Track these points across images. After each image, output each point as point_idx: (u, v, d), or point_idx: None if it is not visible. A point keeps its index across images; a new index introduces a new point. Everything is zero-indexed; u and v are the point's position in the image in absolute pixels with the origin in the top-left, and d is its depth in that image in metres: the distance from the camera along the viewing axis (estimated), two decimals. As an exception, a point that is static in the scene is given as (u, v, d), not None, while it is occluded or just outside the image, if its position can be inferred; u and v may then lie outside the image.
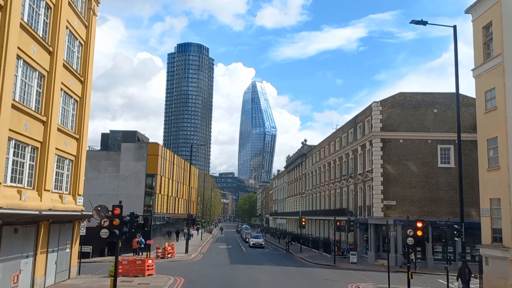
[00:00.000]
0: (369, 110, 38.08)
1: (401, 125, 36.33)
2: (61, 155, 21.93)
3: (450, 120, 36.10)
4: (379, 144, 36.07)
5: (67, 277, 22.79)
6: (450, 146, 35.77)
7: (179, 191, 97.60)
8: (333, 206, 49.38)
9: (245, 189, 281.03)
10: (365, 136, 38.40)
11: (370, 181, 36.69)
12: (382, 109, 36.54)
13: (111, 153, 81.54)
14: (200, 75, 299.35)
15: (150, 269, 24.91)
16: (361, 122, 40.17)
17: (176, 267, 30.42)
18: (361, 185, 39.47)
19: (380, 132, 36.18)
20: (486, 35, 22.68)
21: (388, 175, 35.61)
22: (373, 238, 36.03)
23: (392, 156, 35.90)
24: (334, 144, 49.91)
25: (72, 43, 23.18)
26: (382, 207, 35.22)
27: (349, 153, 43.36)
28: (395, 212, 35.11)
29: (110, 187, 78.84)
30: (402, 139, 36.09)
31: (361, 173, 39.36)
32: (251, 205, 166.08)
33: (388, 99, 36.92)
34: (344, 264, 34.90)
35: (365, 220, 37.03)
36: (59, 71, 20.70)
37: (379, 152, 35.96)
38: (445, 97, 36.69)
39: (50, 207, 19.41)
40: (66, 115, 22.90)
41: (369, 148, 37.49)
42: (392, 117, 36.47)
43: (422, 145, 35.95)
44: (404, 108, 36.54)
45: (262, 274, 27.86)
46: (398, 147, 35.99)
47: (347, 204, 43.92)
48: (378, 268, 33.35)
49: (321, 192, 55.63)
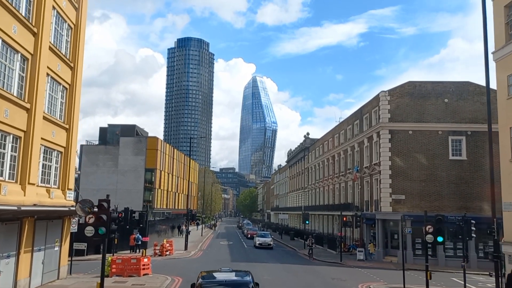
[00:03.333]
0: (376, 100, 36.37)
1: (410, 115, 34.62)
2: (48, 146, 20.28)
3: (461, 110, 34.42)
4: (387, 135, 34.38)
5: (56, 277, 21.20)
6: (462, 138, 34.08)
7: (179, 186, 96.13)
8: (337, 201, 47.79)
9: (246, 184, 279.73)
10: (372, 127, 36.71)
11: (378, 174, 35.05)
12: (390, 99, 34.83)
13: (109, 147, 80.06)
14: (200, 70, 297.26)
15: (146, 268, 23.32)
16: (367, 113, 38.46)
17: (174, 265, 28.86)
18: (367, 179, 37.83)
19: (388, 123, 34.48)
20: (508, 15, 20.94)
21: (396, 168, 33.96)
22: (381, 234, 34.44)
23: (400, 148, 34.22)
24: (339, 136, 48.22)
25: (60, 25, 21.47)
26: (390, 201, 33.60)
27: (354, 146, 41.69)
28: (404, 207, 33.48)
29: (108, 182, 77.33)
30: (411, 130, 34.38)
31: (368, 166, 37.71)
32: (252, 200, 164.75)
33: (396, 88, 35.20)
34: (351, 261, 33.32)
35: (372, 215, 35.42)
36: (45, 54, 19.01)
37: (387, 144, 34.28)
38: (456, 86, 34.96)
39: (35, 202, 17.79)
40: (54, 103, 21.22)
41: (376, 140, 35.81)
42: (401, 107, 34.76)
43: (432, 136, 34.25)
44: (413, 98, 34.82)
45: (265, 273, 26.29)
46: (407, 138, 34.30)
47: (352, 198, 42.31)
48: (387, 265, 31.79)
49: (324, 186, 54.01)
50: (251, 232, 61.00)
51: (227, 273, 12.34)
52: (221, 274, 12.16)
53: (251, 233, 59.27)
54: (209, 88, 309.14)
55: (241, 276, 11.94)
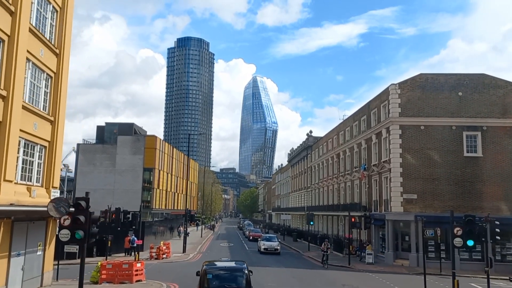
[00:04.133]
0: (385, 94, 34.36)
1: (422, 110, 32.60)
2: (30, 140, 18.27)
3: (477, 104, 32.40)
4: (398, 131, 32.35)
5: (39, 284, 19.21)
6: (477, 133, 32.05)
7: (178, 186, 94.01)
8: (343, 201, 45.77)
9: (247, 184, 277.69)
10: (381, 123, 34.68)
11: (388, 172, 33.03)
12: (400, 92, 32.81)
13: (107, 146, 77.93)
14: (200, 70, 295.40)
15: (139, 274, 21.31)
16: (375, 108, 36.44)
17: (171, 269, 26.84)
18: (376, 177, 35.80)
19: (398, 117, 32.46)
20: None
21: (408, 165, 31.93)
22: (391, 235, 32.40)
23: (412, 145, 32.20)
24: (344, 133, 46.20)
25: (43, 7, 19.46)
26: (401, 201, 31.56)
27: (361, 143, 39.66)
28: (416, 207, 31.46)
29: (106, 182, 75.22)
30: (423, 126, 32.36)
31: (376, 164, 35.67)
32: (252, 200, 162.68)
33: (407, 81, 33.18)
34: (360, 265, 31.30)
35: (382, 215, 33.40)
36: (24, 36, 17.01)
37: (397, 140, 32.26)
38: (471, 79, 32.93)
39: (12, 202, 15.80)
40: (37, 92, 19.22)
41: (385, 136, 33.79)
42: (412, 101, 32.74)
43: (446, 132, 32.23)
44: (425, 91, 32.80)
45: (269, 278, 24.30)
46: (419, 134, 32.28)
47: (359, 198, 40.28)
48: (399, 269, 29.76)
49: (328, 186, 51.98)
50: (254, 233, 57.12)
51: (226, 262, 15.98)
52: (221, 262, 15.61)
53: (254, 235, 55.61)
54: (209, 88, 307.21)
55: (238, 264, 15.06)
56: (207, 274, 13.57)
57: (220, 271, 14.11)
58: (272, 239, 40.74)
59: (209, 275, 13.54)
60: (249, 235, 57.42)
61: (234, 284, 13.48)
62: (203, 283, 13.35)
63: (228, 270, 14.36)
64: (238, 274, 13.94)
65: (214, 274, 13.69)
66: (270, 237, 41.70)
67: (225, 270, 14.26)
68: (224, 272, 14.08)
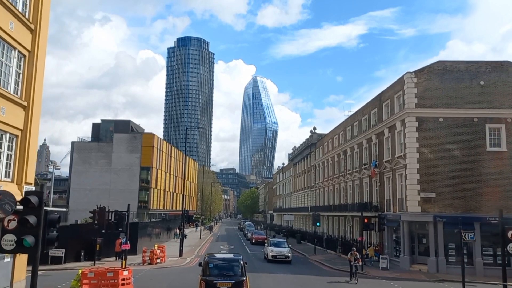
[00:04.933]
0: (399, 83, 31.58)
1: (440, 100, 29.82)
2: (-5, 127, 15.55)
3: (500, 93, 29.62)
4: (414, 123, 29.56)
5: (8, 296, 16.42)
6: (501, 126, 29.26)
7: (177, 186, 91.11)
8: (350, 200, 42.98)
9: (247, 185, 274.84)
10: (394, 115, 31.90)
11: (403, 169, 30.24)
12: (417, 81, 30.02)
13: (102, 144, 74.99)
14: (200, 69, 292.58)
15: (127, 283, 18.51)
16: (388, 100, 33.67)
17: (164, 276, 24.06)
18: (389, 175, 33.02)
19: (415, 109, 29.67)
20: None
21: (425, 161, 29.14)
22: (407, 238, 29.59)
23: (430, 138, 29.42)
24: (351, 129, 43.41)
25: (14, -27, 16.73)
26: (418, 200, 28.75)
27: (371, 138, 36.88)
28: (434, 207, 28.67)
29: (101, 181, 72.30)
30: (442, 118, 29.57)
31: (389, 160, 32.90)
32: (253, 201, 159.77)
33: (424, 69, 30.40)
34: (374, 270, 28.50)
35: (396, 216, 30.61)
36: (-14, 2, 14.31)
37: (414, 133, 29.47)
38: (493, 66, 30.15)
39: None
40: (6, 72, 16.49)
41: (400, 129, 31.01)
42: (429, 91, 29.95)
43: (467, 124, 29.45)
44: (443, 80, 30.01)
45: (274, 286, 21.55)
46: (437, 127, 29.49)
47: (369, 197, 37.49)
48: (417, 275, 26.97)
49: (334, 184, 49.18)
50: (257, 236, 51.56)
51: (225, 254, 19.13)
52: (220, 254, 18.51)
53: (257, 238, 50.46)
54: (209, 88, 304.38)
55: (235, 255, 17.51)
56: (209, 264, 16.24)
57: (219, 261, 16.75)
58: (281, 244, 34.88)
59: (210, 265, 16.22)
60: (252, 238, 52.27)
61: (231, 272, 15.91)
62: (205, 271, 15.89)
63: (226, 260, 16.90)
64: (234, 264, 16.38)
65: (214, 263, 16.36)
66: (279, 242, 35.63)
67: (224, 261, 16.83)
68: (223, 262, 16.64)
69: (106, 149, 72.99)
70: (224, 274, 15.71)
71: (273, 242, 35.22)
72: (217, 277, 15.53)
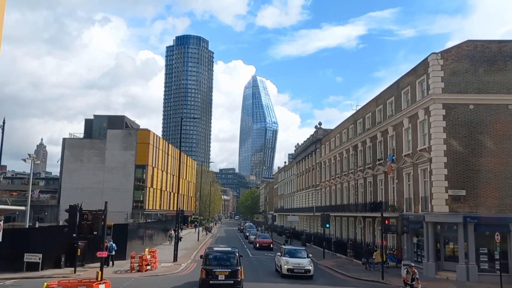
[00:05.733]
0: (423, 66, 27.96)
1: (470, 84, 26.23)
2: None
3: (539, 77, 26.02)
4: (441, 111, 25.93)
5: None
6: (540, 114, 25.68)
7: (174, 185, 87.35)
8: (361, 200, 39.36)
9: (246, 185, 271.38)
10: (416, 103, 28.27)
11: (427, 163, 26.61)
12: (443, 64, 26.40)
13: (95, 141, 71.00)
14: (199, 68, 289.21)
15: (102, 299, 14.85)
16: (408, 86, 30.05)
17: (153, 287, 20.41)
18: (409, 170, 29.38)
19: (441, 94, 26.05)
20: None
21: (454, 154, 25.54)
22: (431, 241, 25.97)
23: (458, 128, 25.81)
24: (363, 122, 39.80)
25: None
26: (446, 198, 25.14)
27: (387, 130, 33.26)
28: (464, 206, 25.05)
29: (94, 180, 68.36)
30: (473, 104, 25.98)
31: (410, 154, 29.28)
32: (253, 201, 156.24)
33: (451, 49, 26.79)
34: (395, 279, 24.80)
35: (419, 217, 26.97)
36: None
37: (440, 122, 25.84)
38: (530, 47, 26.57)
39: None
40: None
41: (423, 118, 27.38)
42: (458, 74, 26.34)
43: (501, 112, 25.85)
44: (474, 62, 26.42)
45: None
46: (468, 115, 25.89)
47: (384, 196, 33.87)
48: (444, 284, 23.44)
49: (343, 183, 45.56)
50: (262, 240, 45.22)
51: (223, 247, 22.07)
52: (219, 248, 22.03)
53: (262, 242, 44.26)
54: (209, 87, 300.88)
55: (232, 249, 20.97)
56: (209, 255, 19.39)
57: (218, 253, 19.78)
58: (299, 253, 26.94)
59: (210, 256, 19.36)
60: (256, 242, 45.26)
61: (228, 262, 18.86)
62: (206, 262, 18.95)
63: (224, 252, 19.82)
64: (231, 256, 19.34)
65: (214, 255, 19.40)
66: (296, 251, 27.38)
67: (222, 253, 19.80)
68: (221, 254, 19.61)
69: (99, 146, 69.38)
70: (222, 264, 18.91)
71: (288, 251, 27.19)
72: (216, 266, 18.64)
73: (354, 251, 34.94)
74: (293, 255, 26.29)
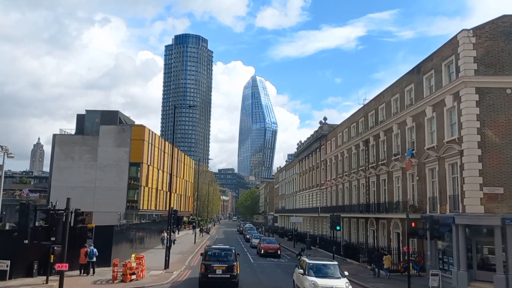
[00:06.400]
0: (450, 46, 24.48)
1: (507, 66, 22.73)
2: None
3: None
4: (473, 96, 22.43)
5: None
6: None
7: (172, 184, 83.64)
8: (372, 199, 35.83)
9: (246, 185, 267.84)
10: (442, 88, 24.74)
11: (457, 156, 23.07)
12: (475, 42, 22.92)
13: (87, 137, 67.00)
14: (198, 68, 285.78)
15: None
16: (432, 70, 26.52)
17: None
18: (433, 165, 25.83)
19: (474, 77, 22.53)
20: None
21: (489, 146, 22.04)
22: (463, 247, 22.42)
23: (495, 116, 22.31)
24: (375, 113, 36.29)
25: None
26: (481, 197, 21.62)
27: (406, 121, 29.75)
28: (502, 206, 21.53)
29: (86, 178, 64.40)
30: (510, 89, 22.48)
31: (434, 147, 25.75)
32: (253, 201, 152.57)
33: (484, 26, 23.28)
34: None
35: (446, 218, 23.40)
36: None
37: (473, 109, 22.34)
38: None
39: None
40: None
41: (452, 105, 23.85)
42: (493, 54, 22.84)
43: (544, 97, 22.35)
44: (511, 40, 22.93)
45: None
46: (505, 101, 22.41)
47: (401, 195, 30.31)
48: (483, 299, 19.82)
49: (351, 181, 42.02)
50: (267, 245, 38.91)
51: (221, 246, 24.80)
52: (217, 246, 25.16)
53: (268, 248, 38.37)
54: (208, 86, 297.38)
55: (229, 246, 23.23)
56: (208, 252, 21.94)
57: (216, 250, 22.45)
58: (329, 268, 19.80)
59: (209, 252, 21.90)
60: (261, 248, 39.15)
61: (225, 258, 21.29)
62: (205, 258, 21.33)
63: (222, 250, 22.48)
64: (228, 253, 21.85)
65: (212, 252, 22.03)
66: (326, 267, 19.87)
67: (220, 250, 22.52)
68: (219, 251, 22.23)
69: (92, 142, 65.66)
70: (219, 259, 20.98)
71: (314, 267, 19.53)
72: (214, 262, 20.64)
73: (369, 257, 31.37)
74: (323, 274, 19.07)
